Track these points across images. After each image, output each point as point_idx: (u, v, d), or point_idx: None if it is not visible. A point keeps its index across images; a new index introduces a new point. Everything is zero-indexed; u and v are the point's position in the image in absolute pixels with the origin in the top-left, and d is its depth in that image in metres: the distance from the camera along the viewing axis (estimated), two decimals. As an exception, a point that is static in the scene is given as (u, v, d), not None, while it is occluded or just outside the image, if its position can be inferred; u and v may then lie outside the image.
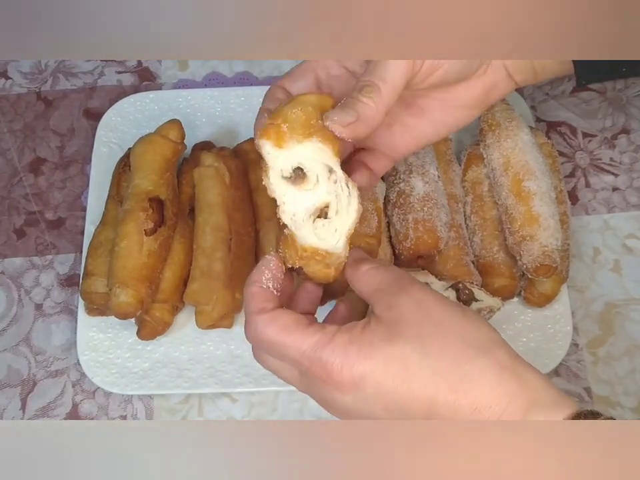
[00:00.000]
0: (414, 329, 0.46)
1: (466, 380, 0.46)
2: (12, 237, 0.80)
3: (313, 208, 0.51)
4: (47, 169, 0.83)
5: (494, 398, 0.46)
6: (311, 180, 0.50)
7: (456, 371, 0.46)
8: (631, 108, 0.85)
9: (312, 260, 0.51)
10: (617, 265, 0.77)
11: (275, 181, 0.51)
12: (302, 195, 0.51)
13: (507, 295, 0.71)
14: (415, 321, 0.46)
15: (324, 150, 0.50)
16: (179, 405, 0.72)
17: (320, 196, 0.50)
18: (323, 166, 0.50)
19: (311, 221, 0.51)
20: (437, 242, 0.68)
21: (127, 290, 0.66)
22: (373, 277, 0.51)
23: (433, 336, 0.46)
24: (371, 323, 0.48)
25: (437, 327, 0.46)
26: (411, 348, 0.46)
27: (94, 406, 0.72)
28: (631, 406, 0.71)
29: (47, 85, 0.88)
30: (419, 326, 0.46)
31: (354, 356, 0.46)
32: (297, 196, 0.51)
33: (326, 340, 0.47)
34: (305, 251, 0.51)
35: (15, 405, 0.72)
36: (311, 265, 0.52)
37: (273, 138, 0.50)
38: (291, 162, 0.50)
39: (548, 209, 0.69)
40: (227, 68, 0.89)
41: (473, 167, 0.75)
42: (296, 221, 0.51)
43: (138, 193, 0.70)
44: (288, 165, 0.50)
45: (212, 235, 0.70)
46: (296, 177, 0.50)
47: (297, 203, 0.51)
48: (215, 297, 0.69)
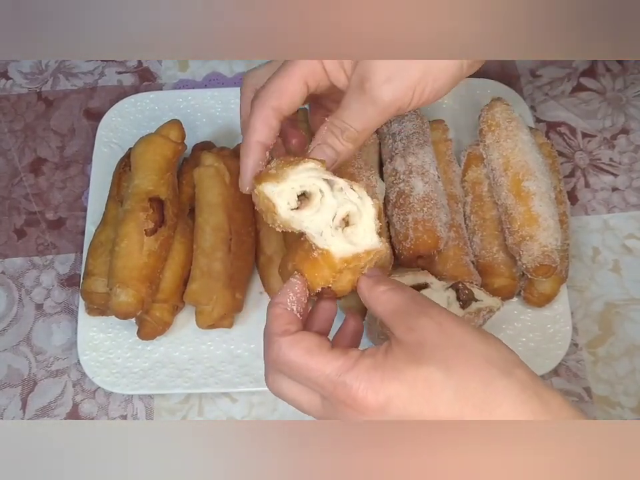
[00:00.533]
0: (437, 351, 0.46)
1: (490, 400, 0.46)
2: (12, 237, 0.80)
3: (335, 220, 0.52)
4: (48, 169, 0.83)
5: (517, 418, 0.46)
6: (316, 196, 0.52)
7: (480, 392, 0.46)
8: (631, 108, 0.85)
9: (348, 270, 0.53)
10: (616, 265, 0.77)
11: (288, 215, 0.52)
12: (317, 214, 0.52)
13: (507, 295, 0.71)
14: (437, 343, 0.46)
15: (316, 167, 0.52)
16: (179, 404, 0.72)
17: (333, 207, 0.52)
18: (322, 180, 0.52)
19: (339, 232, 0.52)
20: (436, 242, 0.68)
21: (127, 290, 0.66)
22: (390, 298, 0.51)
23: (456, 357, 0.46)
24: (392, 346, 0.48)
25: (458, 348, 0.47)
26: (434, 370, 0.46)
27: (94, 406, 0.72)
28: (630, 406, 0.71)
29: (48, 85, 0.88)
30: (442, 348, 0.46)
31: (378, 381, 0.47)
32: (314, 217, 0.52)
33: (350, 364, 0.47)
34: (346, 261, 0.52)
35: (16, 404, 0.72)
36: (343, 277, 0.53)
37: (269, 178, 0.52)
38: (293, 190, 0.52)
39: (547, 209, 0.69)
40: (227, 68, 0.89)
41: (473, 167, 0.76)
42: (326, 238, 0.52)
43: (138, 193, 0.70)
44: (292, 194, 0.52)
45: (212, 235, 0.70)
46: (302, 202, 0.52)
47: (318, 223, 0.52)
48: (214, 297, 0.69)
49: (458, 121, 0.82)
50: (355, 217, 0.53)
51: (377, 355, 0.48)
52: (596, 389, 0.72)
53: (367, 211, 0.53)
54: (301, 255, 0.54)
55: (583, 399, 0.71)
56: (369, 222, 0.53)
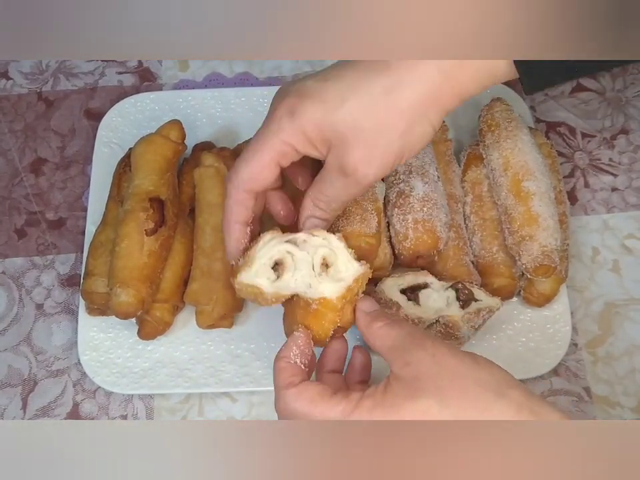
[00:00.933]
0: (432, 383, 0.48)
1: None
2: (13, 237, 0.80)
3: (315, 269, 0.56)
4: (48, 169, 0.84)
5: None
6: (287, 258, 0.56)
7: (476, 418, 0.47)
8: (630, 108, 0.85)
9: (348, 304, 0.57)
10: (616, 265, 0.77)
11: (274, 288, 0.56)
12: (297, 272, 0.56)
13: (507, 295, 0.71)
14: (432, 376, 0.48)
15: (273, 236, 0.56)
16: (179, 404, 0.72)
17: (307, 259, 0.56)
18: (284, 244, 0.56)
19: (325, 276, 0.56)
20: (436, 242, 0.68)
21: (128, 290, 0.66)
22: (386, 333, 0.53)
23: (451, 387, 0.48)
24: (390, 382, 0.50)
25: (453, 378, 0.48)
26: (431, 402, 0.48)
27: (94, 405, 0.72)
28: (630, 406, 0.71)
29: (48, 86, 0.88)
30: (437, 379, 0.48)
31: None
32: (295, 277, 0.56)
33: (351, 408, 0.50)
34: (343, 298, 0.56)
35: (16, 404, 0.73)
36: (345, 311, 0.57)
37: (241, 268, 0.55)
38: (265, 265, 0.55)
39: (547, 209, 0.69)
40: (227, 68, 0.89)
41: (473, 167, 0.76)
42: (316, 288, 0.56)
43: (138, 193, 0.70)
44: (267, 269, 0.56)
45: (212, 235, 0.70)
46: (279, 270, 0.56)
47: (302, 280, 0.56)
48: (215, 297, 0.69)
49: (458, 121, 0.82)
50: (331, 257, 0.56)
51: (375, 394, 0.50)
52: (595, 389, 0.72)
53: (337, 245, 0.56)
54: (301, 313, 0.57)
55: (583, 398, 0.71)
56: (344, 254, 0.56)
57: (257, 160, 0.54)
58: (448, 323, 0.65)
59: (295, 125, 0.52)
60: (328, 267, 0.56)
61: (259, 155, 0.53)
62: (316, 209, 0.57)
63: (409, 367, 0.49)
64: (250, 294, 0.57)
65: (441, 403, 0.47)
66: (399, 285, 0.66)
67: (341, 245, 0.57)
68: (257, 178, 0.55)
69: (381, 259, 0.70)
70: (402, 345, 0.51)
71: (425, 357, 0.49)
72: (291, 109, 0.52)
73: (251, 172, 0.54)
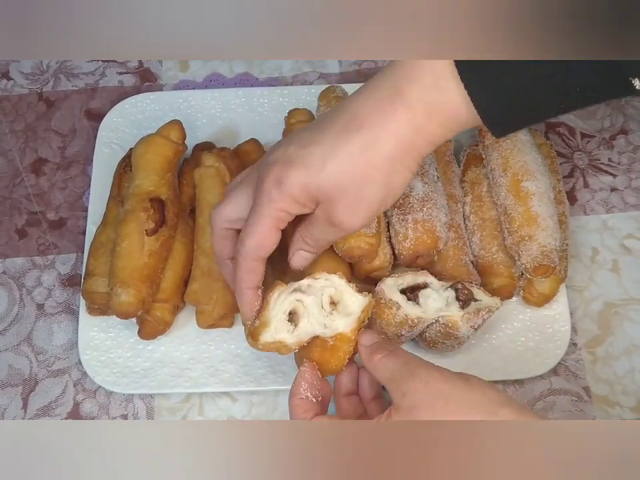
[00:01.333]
0: (427, 412, 0.51)
1: None
2: (14, 237, 0.80)
3: (325, 309, 0.60)
4: (49, 169, 0.84)
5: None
6: (299, 307, 0.60)
7: None
8: (630, 109, 0.85)
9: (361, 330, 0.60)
10: (615, 265, 0.77)
11: (295, 338, 0.60)
12: (311, 316, 0.60)
13: (506, 295, 0.71)
14: (427, 404, 0.51)
15: (280, 290, 0.60)
16: (179, 404, 0.72)
17: (317, 302, 0.60)
18: (292, 293, 0.60)
19: (336, 314, 0.60)
20: (436, 242, 0.68)
21: (128, 290, 0.67)
22: (385, 365, 0.56)
23: (445, 413, 0.50)
24: (392, 413, 0.53)
25: (446, 403, 0.51)
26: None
27: (95, 405, 0.72)
28: (630, 405, 0.71)
29: (49, 86, 0.88)
30: (432, 407, 0.51)
31: None
32: (310, 321, 0.60)
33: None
34: (356, 330, 0.60)
35: (17, 404, 0.73)
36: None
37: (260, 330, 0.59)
38: (282, 319, 0.59)
39: (547, 209, 0.69)
40: (228, 69, 0.89)
41: (472, 167, 0.76)
42: (330, 326, 0.60)
43: (139, 193, 0.70)
44: (283, 322, 0.60)
45: (212, 235, 0.71)
46: (294, 319, 0.60)
47: (316, 322, 0.60)
48: (215, 297, 0.69)
49: (457, 121, 0.82)
50: (336, 295, 0.61)
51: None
52: (595, 389, 0.72)
53: (339, 283, 0.61)
54: (318, 350, 0.61)
55: (582, 398, 0.71)
56: (347, 289, 0.61)
57: (258, 230, 0.57)
58: (447, 323, 0.65)
59: (284, 193, 0.55)
60: (335, 304, 0.61)
61: (259, 226, 0.57)
62: (304, 244, 0.61)
63: (406, 397, 0.52)
64: (272, 349, 0.61)
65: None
66: (398, 285, 0.66)
67: (342, 282, 0.61)
68: (262, 245, 0.58)
69: (380, 258, 0.70)
70: (399, 376, 0.54)
71: (419, 386, 0.52)
72: (277, 179, 0.55)
73: (255, 242, 0.58)
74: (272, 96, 0.84)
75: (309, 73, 0.88)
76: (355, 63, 0.88)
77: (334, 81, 0.87)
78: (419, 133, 0.54)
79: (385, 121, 0.53)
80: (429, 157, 0.73)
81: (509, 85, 0.50)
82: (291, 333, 0.60)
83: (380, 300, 0.65)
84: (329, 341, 0.60)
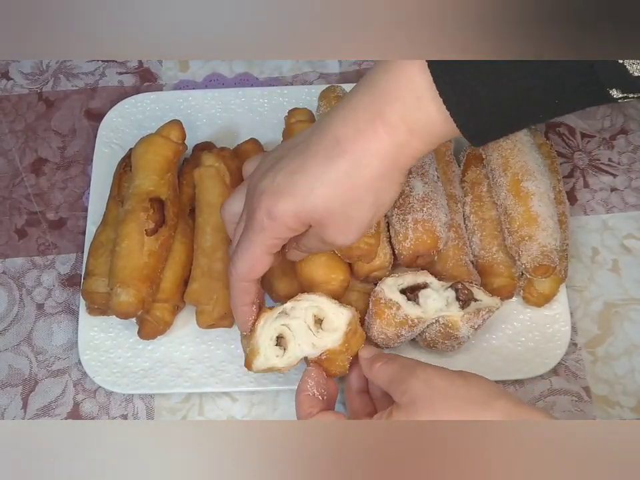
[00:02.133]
0: (427, 407, 0.53)
1: None
2: (13, 237, 0.80)
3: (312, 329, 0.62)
4: (49, 169, 0.84)
5: None
6: (286, 331, 0.62)
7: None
8: (630, 109, 0.85)
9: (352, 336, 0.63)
10: (615, 265, 0.77)
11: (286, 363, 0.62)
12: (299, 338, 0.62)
13: (506, 295, 0.71)
14: (426, 400, 0.54)
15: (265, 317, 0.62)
16: (179, 404, 0.72)
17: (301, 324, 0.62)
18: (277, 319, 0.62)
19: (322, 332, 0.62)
20: (436, 242, 0.68)
21: (128, 290, 0.67)
22: (384, 371, 0.59)
23: (443, 408, 0.53)
24: (393, 410, 0.55)
25: (444, 399, 0.53)
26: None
27: (95, 405, 0.72)
28: (630, 405, 0.71)
29: (49, 86, 0.88)
30: (430, 403, 0.53)
31: None
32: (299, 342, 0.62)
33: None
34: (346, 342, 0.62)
35: (16, 404, 0.73)
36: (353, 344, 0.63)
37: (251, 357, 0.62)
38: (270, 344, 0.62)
39: (547, 209, 0.69)
40: (228, 69, 0.89)
41: (472, 167, 0.76)
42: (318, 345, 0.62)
43: (139, 193, 0.70)
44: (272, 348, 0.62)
45: (212, 235, 0.71)
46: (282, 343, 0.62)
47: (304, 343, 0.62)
48: (215, 297, 0.69)
49: (457, 121, 0.82)
50: (320, 313, 0.63)
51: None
52: (595, 389, 0.72)
53: (321, 301, 0.63)
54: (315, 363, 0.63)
55: (582, 398, 0.71)
56: (330, 306, 0.63)
57: (249, 255, 0.59)
58: (448, 323, 0.65)
59: (276, 223, 0.56)
60: (321, 322, 0.63)
61: (251, 252, 0.59)
62: (298, 248, 0.63)
63: (405, 394, 0.55)
64: (268, 372, 0.63)
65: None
66: (398, 285, 0.66)
67: (324, 300, 0.63)
68: (254, 270, 0.60)
69: (380, 258, 0.70)
70: (398, 377, 0.57)
71: (418, 384, 0.55)
72: (268, 211, 0.56)
73: (247, 266, 0.59)
74: (272, 96, 0.84)
75: (309, 72, 0.88)
76: (355, 62, 0.88)
77: (334, 80, 0.87)
78: (402, 150, 0.54)
79: (367, 143, 0.54)
80: (428, 157, 0.73)
81: (488, 99, 0.51)
82: (280, 358, 0.62)
83: (380, 300, 0.65)
84: (321, 356, 0.62)
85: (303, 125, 0.75)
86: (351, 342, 0.63)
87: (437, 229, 0.68)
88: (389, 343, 0.67)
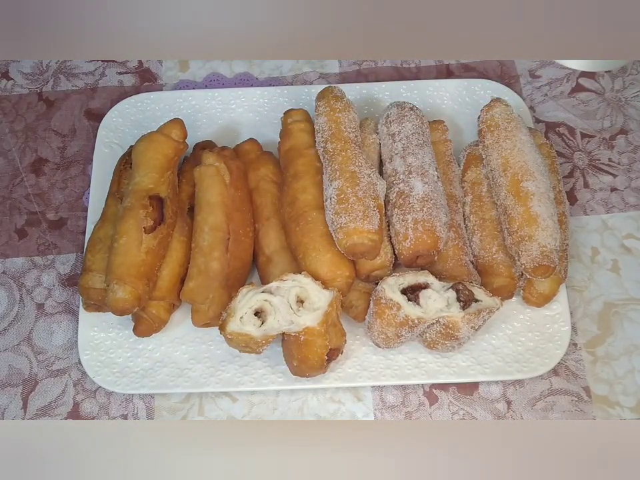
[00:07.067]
0: None
1: None
2: (13, 237, 0.80)
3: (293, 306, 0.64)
4: (49, 169, 0.84)
5: None
6: (266, 305, 0.64)
7: None
8: (629, 109, 0.85)
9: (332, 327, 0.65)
10: (615, 265, 0.77)
11: (261, 332, 0.64)
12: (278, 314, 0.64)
13: (506, 295, 0.71)
14: None
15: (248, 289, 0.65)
16: (179, 404, 0.72)
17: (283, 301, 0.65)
18: (260, 294, 0.64)
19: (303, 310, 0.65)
20: (436, 242, 0.68)
21: (125, 286, 0.67)
22: None
23: None
24: None
25: None
26: None
27: (95, 405, 0.72)
28: (629, 405, 0.71)
29: (49, 86, 0.88)
30: None
31: None
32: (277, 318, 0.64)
33: None
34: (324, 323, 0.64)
35: (16, 404, 0.73)
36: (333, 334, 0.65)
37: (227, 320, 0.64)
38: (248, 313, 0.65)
39: (546, 209, 0.69)
40: (227, 69, 0.89)
41: (472, 167, 0.76)
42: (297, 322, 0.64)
43: (138, 190, 0.70)
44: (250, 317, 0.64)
45: (210, 235, 0.71)
46: (262, 317, 0.65)
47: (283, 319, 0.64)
48: (211, 296, 0.69)
49: (457, 121, 0.82)
50: (303, 293, 0.65)
51: None
52: (595, 389, 0.72)
53: (305, 282, 0.65)
54: (295, 347, 0.65)
55: (582, 398, 0.71)
56: (313, 287, 0.65)
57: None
58: (448, 324, 0.65)
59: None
60: (303, 302, 0.65)
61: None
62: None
63: None
64: (241, 342, 0.65)
65: None
66: (399, 284, 0.66)
67: (308, 281, 0.66)
68: None
69: (382, 257, 0.70)
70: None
71: None
72: None
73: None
74: (272, 96, 0.84)
75: (309, 72, 0.88)
76: (354, 62, 0.88)
77: (334, 81, 0.87)
78: None
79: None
80: (428, 157, 0.73)
81: None
82: (257, 327, 0.64)
83: (380, 300, 0.65)
84: (299, 336, 0.64)
85: (300, 125, 0.75)
86: (331, 332, 0.65)
87: (437, 229, 0.68)
88: (390, 343, 0.68)
